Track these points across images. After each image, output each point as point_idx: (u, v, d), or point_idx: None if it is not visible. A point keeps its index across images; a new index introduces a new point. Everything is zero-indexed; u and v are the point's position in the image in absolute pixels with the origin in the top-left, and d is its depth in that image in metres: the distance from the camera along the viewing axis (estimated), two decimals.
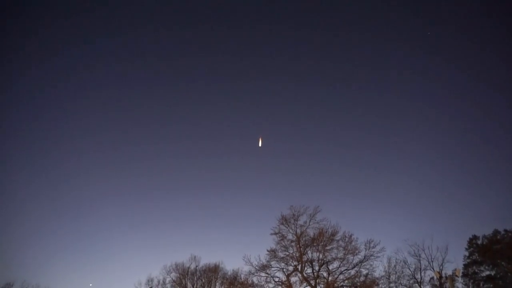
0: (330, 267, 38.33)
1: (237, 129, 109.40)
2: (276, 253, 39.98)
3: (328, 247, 38.41)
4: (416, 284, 43.13)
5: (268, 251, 40.36)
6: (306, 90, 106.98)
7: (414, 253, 43.94)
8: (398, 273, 44.21)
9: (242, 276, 45.22)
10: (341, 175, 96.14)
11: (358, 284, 37.07)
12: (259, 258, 40.24)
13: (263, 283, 39.97)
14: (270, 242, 41.05)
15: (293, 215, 40.06)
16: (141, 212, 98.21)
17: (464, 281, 46.33)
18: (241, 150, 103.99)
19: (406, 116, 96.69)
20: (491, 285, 44.27)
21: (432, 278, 44.11)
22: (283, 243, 40.18)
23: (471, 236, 48.39)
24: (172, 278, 52.22)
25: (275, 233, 40.59)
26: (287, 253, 39.77)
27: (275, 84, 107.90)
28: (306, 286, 38.46)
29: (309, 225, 39.63)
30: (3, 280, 52.25)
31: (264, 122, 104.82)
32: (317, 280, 38.15)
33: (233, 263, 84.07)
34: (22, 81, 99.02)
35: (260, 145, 58.81)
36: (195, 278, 51.97)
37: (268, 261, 39.97)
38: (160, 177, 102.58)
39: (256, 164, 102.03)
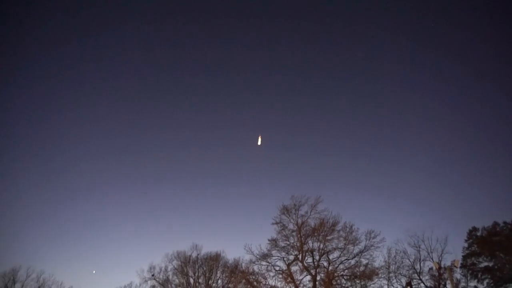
0: (331, 257, 38.84)
1: (239, 120, 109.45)
2: (277, 242, 40.44)
3: (328, 237, 38.85)
4: (416, 275, 43.55)
5: (269, 240, 40.85)
6: (307, 83, 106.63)
7: (414, 244, 44.29)
8: (397, 264, 44.54)
9: (243, 264, 45.63)
10: (342, 166, 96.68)
11: (358, 273, 37.45)
12: (260, 247, 40.77)
13: (264, 271, 40.38)
14: (271, 232, 41.49)
15: (294, 205, 40.50)
16: (144, 201, 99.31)
17: (462, 272, 46.77)
18: (243, 141, 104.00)
19: (406, 109, 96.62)
20: (489, 276, 44.67)
21: (431, 268, 44.46)
22: (284, 233, 40.61)
23: (470, 228, 48.71)
24: (174, 266, 52.89)
25: (276, 223, 41.02)
26: (288, 242, 40.24)
27: (277, 77, 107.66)
28: (307, 275, 38.93)
29: (310, 215, 40.10)
30: (9, 265, 53.01)
31: (265, 114, 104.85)
32: (317, 270, 38.57)
33: (234, 252, 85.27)
34: (22, 76, 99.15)
35: (259, 143, 58.11)
36: (197, 266, 52.49)
37: (269, 250, 40.49)
38: (163, 167, 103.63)
39: (258, 155, 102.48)
